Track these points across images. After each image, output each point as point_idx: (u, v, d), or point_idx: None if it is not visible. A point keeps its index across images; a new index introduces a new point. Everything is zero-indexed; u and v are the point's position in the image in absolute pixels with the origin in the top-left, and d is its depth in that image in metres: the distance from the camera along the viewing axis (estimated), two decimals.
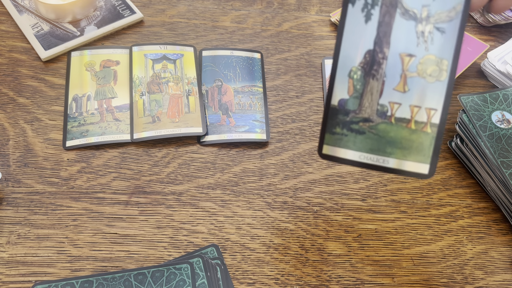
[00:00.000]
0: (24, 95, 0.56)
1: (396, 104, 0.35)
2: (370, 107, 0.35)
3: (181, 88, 0.58)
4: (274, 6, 0.71)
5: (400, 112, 0.35)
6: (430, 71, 0.34)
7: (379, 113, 0.35)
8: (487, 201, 0.56)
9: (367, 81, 0.34)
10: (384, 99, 0.35)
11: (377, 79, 0.34)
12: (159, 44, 0.62)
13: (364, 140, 0.35)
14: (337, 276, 0.48)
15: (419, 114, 0.35)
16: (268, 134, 0.57)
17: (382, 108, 0.35)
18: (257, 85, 0.61)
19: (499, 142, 0.53)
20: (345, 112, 0.35)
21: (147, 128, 0.55)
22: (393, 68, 0.34)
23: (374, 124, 0.35)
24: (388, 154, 0.35)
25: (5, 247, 0.46)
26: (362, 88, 0.35)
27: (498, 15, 0.70)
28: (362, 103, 0.35)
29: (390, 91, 0.34)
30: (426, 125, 0.35)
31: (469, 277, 0.50)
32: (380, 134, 0.35)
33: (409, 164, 0.35)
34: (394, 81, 0.34)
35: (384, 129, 0.35)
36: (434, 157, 0.35)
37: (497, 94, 0.57)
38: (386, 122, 0.35)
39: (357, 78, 0.35)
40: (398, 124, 0.35)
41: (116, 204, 0.50)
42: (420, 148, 0.35)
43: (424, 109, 0.34)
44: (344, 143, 0.35)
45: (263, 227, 0.50)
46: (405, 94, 0.34)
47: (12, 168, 0.51)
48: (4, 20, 0.63)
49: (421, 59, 0.34)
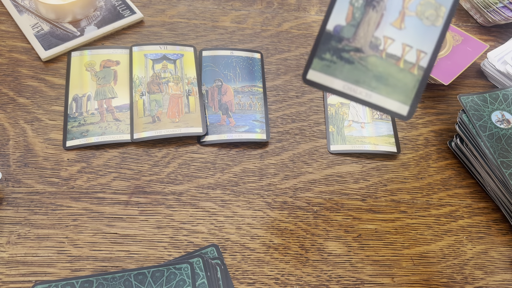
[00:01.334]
0: (24, 95, 0.56)
1: (389, 39, 0.35)
2: (364, 37, 0.35)
3: (181, 88, 0.58)
4: (274, 6, 0.71)
5: (392, 48, 0.35)
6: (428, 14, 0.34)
7: (372, 46, 0.35)
8: (487, 201, 0.56)
9: (366, 11, 0.34)
10: (379, 32, 0.35)
11: (377, 11, 0.34)
12: (159, 44, 0.62)
13: (352, 71, 0.35)
14: (337, 276, 0.48)
15: (410, 54, 0.35)
16: (268, 134, 0.57)
17: (376, 40, 0.35)
18: (257, 85, 0.61)
19: (499, 142, 0.53)
20: (338, 39, 0.35)
21: (147, 128, 0.55)
22: (394, 3, 0.34)
23: (364, 55, 0.35)
24: (372, 88, 0.35)
25: (5, 247, 0.46)
26: (361, 17, 0.34)
27: (498, 15, 0.70)
28: (358, 32, 0.35)
29: (386, 25, 0.34)
30: (414, 66, 0.35)
31: (469, 277, 0.50)
32: (369, 67, 0.35)
33: (390, 102, 0.35)
34: (393, 16, 0.34)
35: (374, 63, 0.35)
36: (415, 100, 0.35)
37: (497, 94, 0.57)
38: (376, 56, 0.35)
39: (357, 6, 0.34)
40: (388, 60, 0.35)
41: (116, 204, 0.50)
42: (404, 89, 0.35)
43: (415, 50, 0.35)
44: (331, 70, 0.35)
45: (263, 227, 0.50)
46: (400, 31, 0.35)
47: (12, 168, 0.51)
48: (4, 20, 0.63)
49: (422, 1, 0.34)
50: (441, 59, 0.63)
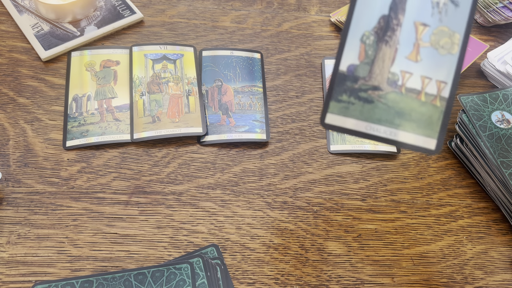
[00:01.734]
0: (24, 95, 0.56)
1: (407, 73, 0.34)
2: (380, 74, 0.33)
3: (181, 88, 0.58)
4: (274, 6, 0.71)
5: (411, 82, 0.34)
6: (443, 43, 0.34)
7: (390, 82, 0.33)
8: (487, 201, 0.56)
9: (379, 47, 0.33)
10: (396, 67, 0.33)
11: (390, 46, 0.33)
12: (159, 44, 0.62)
13: (372, 110, 0.33)
14: (337, 276, 0.48)
15: (430, 86, 0.34)
16: (268, 134, 0.57)
17: (393, 76, 0.33)
18: (257, 85, 0.61)
19: (499, 142, 0.53)
20: (353, 79, 0.33)
21: (147, 128, 0.55)
22: (407, 35, 0.33)
23: (383, 93, 0.33)
24: (396, 125, 0.34)
25: (5, 247, 0.46)
26: (374, 54, 0.33)
27: (498, 15, 0.71)
28: (373, 70, 0.33)
29: (402, 59, 0.33)
30: (436, 98, 0.34)
31: (469, 277, 0.50)
32: (389, 104, 0.33)
33: (417, 138, 0.34)
34: (407, 49, 0.33)
35: (394, 99, 0.33)
36: (442, 132, 0.34)
37: (497, 94, 0.57)
38: (396, 92, 0.33)
39: (369, 43, 0.33)
40: (409, 94, 0.33)
41: (116, 204, 0.50)
42: (429, 122, 0.34)
43: (435, 81, 0.34)
44: (351, 112, 0.33)
45: (263, 227, 0.50)
46: (417, 64, 0.34)
47: (12, 168, 0.51)
48: (4, 20, 0.63)
49: (435, 30, 0.33)
50: None
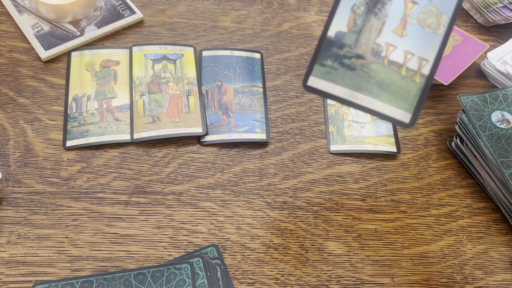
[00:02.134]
0: (24, 95, 0.56)
1: (391, 46, 0.35)
2: (366, 44, 0.35)
3: (181, 88, 0.58)
4: (274, 6, 0.71)
5: (394, 55, 0.35)
6: (429, 22, 0.34)
7: (374, 52, 0.35)
8: (487, 201, 0.56)
9: (368, 18, 0.34)
10: (381, 39, 0.34)
11: (379, 18, 0.34)
12: (159, 44, 0.62)
13: (354, 77, 0.35)
14: (337, 276, 0.48)
15: (412, 62, 0.35)
16: (268, 134, 0.57)
17: (378, 47, 0.35)
18: (257, 85, 0.61)
19: (499, 142, 0.53)
20: (340, 45, 0.35)
21: (147, 128, 0.55)
22: (396, 10, 0.34)
23: (366, 62, 0.35)
24: (374, 95, 0.35)
25: (5, 247, 0.46)
26: (362, 23, 0.34)
27: (498, 15, 0.70)
28: (359, 38, 0.34)
29: (388, 32, 0.34)
30: (416, 73, 0.35)
31: (469, 277, 0.50)
32: (371, 74, 0.35)
33: (393, 109, 0.35)
34: (394, 23, 0.34)
35: (376, 69, 0.35)
36: (418, 108, 0.35)
37: (497, 94, 0.57)
38: (378, 63, 0.35)
39: (359, 12, 0.34)
40: (390, 67, 0.35)
41: (116, 204, 0.50)
42: (406, 96, 0.35)
43: (417, 58, 0.35)
44: (333, 77, 0.35)
45: (263, 227, 0.50)
46: (402, 38, 0.34)
47: (12, 168, 0.51)
48: (4, 20, 0.63)
49: (423, 8, 0.34)
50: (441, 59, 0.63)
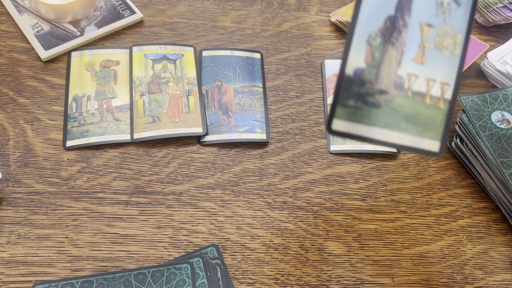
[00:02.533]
0: (24, 95, 0.56)
1: (413, 76, 0.33)
2: (387, 78, 0.33)
3: (181, 88, 0.58)
4: (274, 6, 0.71)
5: (417, 85, 0.33)
6: (447, 44, 0.33)
7: (396, 85, 0.33)
8: (487, 201, 0.56)
9: (386, 49, 0.32)
10: (402, 70, 0.33)
11: (396, 48, 0.33)
12: (159, 44, 0.62)
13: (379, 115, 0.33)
14: (337, 276, 0.48)
15: (434, 89, 0.34)
16: (268, 134, 0.57)
17: (400, 80, 0.33)
18: (257, 85, 0.61)
19: (499, 142, 0.53)
20: (360, 83, 0.32)
21: (147, 128, 0.55)
22: (413, 37, 0.33)
23: (390, 97, 0.33)
24: (403, 130, 0.33)
25: (5, 247, 0.46)
26: (381, 56, 0.32)
27: (498, 15, 0.70)
28: (380, 73, 0.32)
29: (408, 61, 0.33)
30: (440, 100, 0.34)
31: (469, 277, 0.50)
32: (396, 108, 0.33)
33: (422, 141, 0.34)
34: (413, 51, 0.33)
35: (401, 103, 0.33)
36: (445, 134, 0.34)
37: (497, 94, 0.57)
38: (403, 96, 0.33)
39: (376, 45, 0.32)
40: (415, 98, 0.33)
41: (116, 204, 0.50)
42: (433, 125, 0.34)
43: (439, 83, 0.34)
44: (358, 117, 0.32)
45: (263, 227, 0.50)
46: (423, 66, 0.33)
47: (12, 168, 0.51)
48: (4, 20, 0.63)
49: (439, 31, 0.33)
50: None
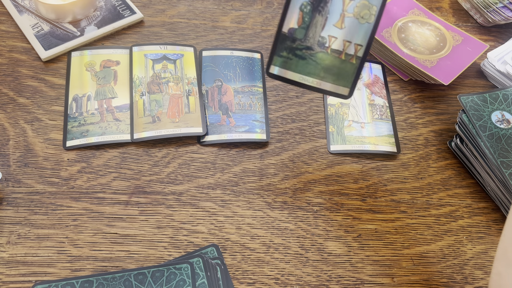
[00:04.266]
0: (24, 95, 0.56)
1: (333, 37, 0.43)
2: (313, 37, 0.43)
3: (181, 88, 0.58)
4: (274, 6, 0.71)
5: (335, 44, 0.43)
6: (363, 14, 0.42)
7: (319, 44, 0.43)
8: (487, 201, 0.56)
9: (314, 15, 0.42)
10: (325, 32, 0.43)
11: (322, 15, 0.42)
12: (159, 44, 0.62)
13: (305, 65, 0.44)
14: (337, 276, 0.48)
15: (349, 48, 0.43)
16: (268, 134, 0.57)
17: (322, 39, 0.43)
18: (257, 85, 0.61)
19: (499, 142, 0.53)
20: (292, 40, 0.43)
21: (147, 128, 0.55)
22: (336, 7, 0.42)
23: (314, 52, 0.43)
24: (321, 77, 0.44)
25: (5, 247, 0.46)
26: (309, 21, 0.42)
27: (498, 15, 0.70)
28: (308, 33, 0.43)
29: (330, 26, 0.42)
30: (353, 57, 0.44)
31: (469, 277, 0.50)
32: (318, 61, 0.44)
33: (336, 87, 0.45)
34: (335, 18, 0.42)
35: (322, 57, 0.44)
36: (354, 83, 0.45)
37: (497, 94, 0.57)
38: (323, 52, 0.43)
39: (306, 11, 0.42)
40: (333, 54, 0.43)
41: (116, 204, 0.50)
42: (346, 75, 0.44)
43: (353, 44, 0.43)
44: (288, 65, 0.44)
45: (263, 227, 0.50)
46: (342, 30, 0.43)
47: (12, 168, 0.51)
48: (4, 20, 0.63)
49: (358, 3, 0.42)
50: (441, 59, 0.63)
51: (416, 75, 0.64)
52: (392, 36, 0.65)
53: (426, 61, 0.63)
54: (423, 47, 0.64)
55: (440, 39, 0.66)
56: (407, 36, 0.65)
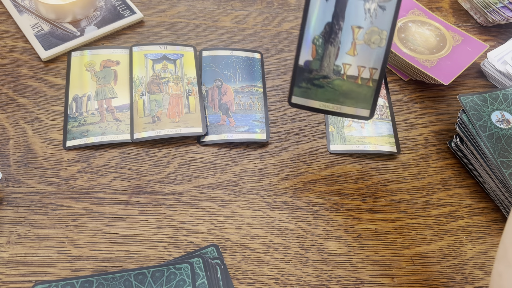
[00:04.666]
0: (24, 95, 0.56)
1: (347, 65, 0.45)
2: (328, 67, 0.45)
3: (181, 88, 0.58)
4: (274, 6, 0.71)
5: (350, 71, 0.45)
6: (374, 40, 0.44)
7: (335, 72, 0.45)
8: (487, 201, 0.56)
9: (326, 47, 0.45)
10: (339, 61, 0.45)
11: (334, 46, 0.45)
12: (159, 44, 0.62)
13: (323, 92, 0.46)
14: (337, 276, 0.48)
15: (364, 72, 0.45)
16: (268, 134, 0.57)
17: (337, 68, 0.45)
18: (257, 85, 0.61)
19: (498, 142, 0.53)
20: (309, 71, 0.46)
21: (147, 128, 0.55)
22: (346, 37, 0.44)
23: (331, 80, 0.46)
24: (341, 102, 0.46)
25: (5, 247, 0.46)
26: (323, 52, 0.45)
27: (498, 15, 0.70)
28: (322, 64, 0.45)
29: (343, 54, 0.45)
30: (369, 80, 0.45)
31: (469, 277, 0.50)
32: (336, 88, 0.46)
33: (356, 110, 0.47)
34: (347, 47, 0.45)
35: (339, 84, 0.46)
36: (374, 104, 0.46)
37: (497, 94, 0.57)
38: (340, 79, 0.46)
39: (319, 44, 0.45)
40: (349, 80, 0.46)
41: (116, 204, 0.50)
42: (364, 98, 0.46)
43: (368, 69, 0.45)
44: (308, 94, 0.46)
45: (263, 227, 0.50)
46: (355, 57, 0.45)
47: (13, 168, 0.51)
48: (4, 20, 0.63)
49: (367, 30, 0.44)
50: (441, 59, 0.63)
51: (416, 75, 0.64)
52: None
53: (426, 61, 0.63)
54: (423, 47, 0.64)
55: (440, 39, 0.66)
56: (407, 36, 0.65)
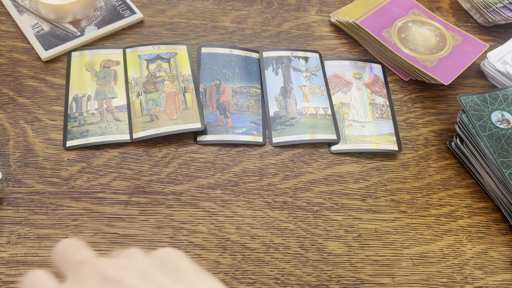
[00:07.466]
0: (24, 95, 0.56)
1: (305, 107, 0.59)
2: (292, 111, 0.59)
3: (176, 85, 0.58)
4: (274, 6, 0.71)
5: (309, 111, 0.59)
6: (317, 92, 0.61)
7: (299, 113, 0.59)
8: (487, 201, 0.56)
9: (286, 101, 0.60)
10: (299, 106, 0.59)
11: (291, 98, 0.60)
12: (152, 44, 0.62)
13: (296, 128, 0.58)
14: (337, 276, 0.48)
15: (320, 111, 0.59)
16: (264, 136, 0.57)
17: (299, 110, 0.59)
18: (255, 86, 0.61)
19: (498, 142, 0.53)
20: (279, 117, 0.58)
21: (146, 127, 0.55)
22: (298, 91, 0.61)
23: (297, 119, 0.58)
24: (310, 133, 0.57)
25: (5, 247, 0.46)
26: (285, 104, 0.59)
27: (498, 15, 0.70)
28: (288, 111, 0.59)
29: (300, 102, 0.60)
30: (325, 115, 0.59)
31: (468, 277, 0.50)
32: (303, 123, 0.58)
33: (324, 136, 0.57)
34: (301, 97, 0.60)
35: (305, 121, 0.58)
36: (336, 130, 0.58)
37: (497, 94, 0.57)
38: (304, 117, 0.58)
39: (280, 100, 0.60)
40: (311, 117, 0.59)
41: (116, 204, 0.50)
42: (327, 127, 0.58)
43: (322, 108, 0.60)
44: (284, 133, 0.57)
45: (263, 227, 0.50)
46: (309, 102, 0.60)
47: (13, 168, 0.51)
48: (4, 20, 0.63)
49: (310, 87, 0.61)
50: (441, 59, 0.63)
51: (416, 75, 0.64)
52: (392, 36, 0.65)
53: (426, 61, 0.63)
54: (423, 47, 0.64)
55: (440, 39, 0.66)
56: (407, 36, 0.65)
